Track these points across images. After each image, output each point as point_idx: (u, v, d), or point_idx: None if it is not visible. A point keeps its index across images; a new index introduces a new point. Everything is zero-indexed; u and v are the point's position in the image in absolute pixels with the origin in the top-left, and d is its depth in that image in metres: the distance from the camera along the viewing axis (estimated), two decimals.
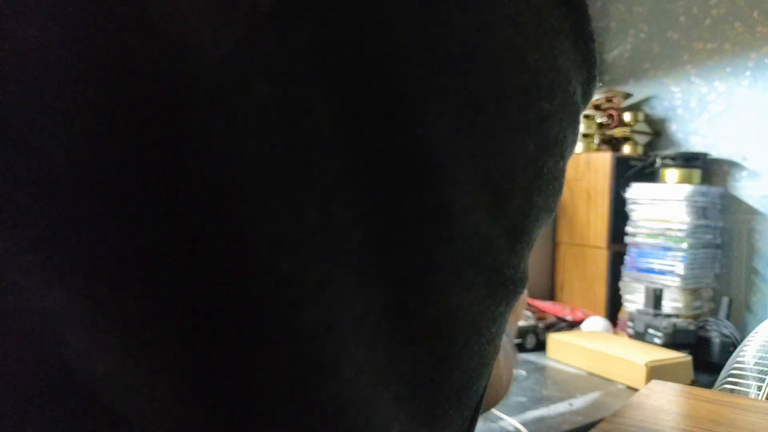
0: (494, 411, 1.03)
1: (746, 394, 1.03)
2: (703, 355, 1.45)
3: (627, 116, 1.93)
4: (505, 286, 0.23)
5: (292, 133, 0.16)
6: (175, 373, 0.16)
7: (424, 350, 0.20)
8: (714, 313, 1.65)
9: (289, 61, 0.16)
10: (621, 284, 1.76)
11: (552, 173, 0.23)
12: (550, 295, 1.94)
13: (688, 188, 1.62)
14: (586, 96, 0.24)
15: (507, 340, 0.39)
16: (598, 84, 0.24)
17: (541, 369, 1.37)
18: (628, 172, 1.79)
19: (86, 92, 0.15)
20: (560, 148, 0.23)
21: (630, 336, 1.53)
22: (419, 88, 0.18)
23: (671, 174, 1.72)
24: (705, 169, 1.76)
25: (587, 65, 0.23)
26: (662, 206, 1.66)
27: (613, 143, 1.95)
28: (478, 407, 0.25)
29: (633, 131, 1.92)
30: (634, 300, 1.70)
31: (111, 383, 0.15)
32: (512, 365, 0.37)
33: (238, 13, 0.15)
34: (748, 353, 1.09)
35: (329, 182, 0.17)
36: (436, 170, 0.18)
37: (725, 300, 1.60)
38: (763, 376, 1.01)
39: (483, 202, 0.20)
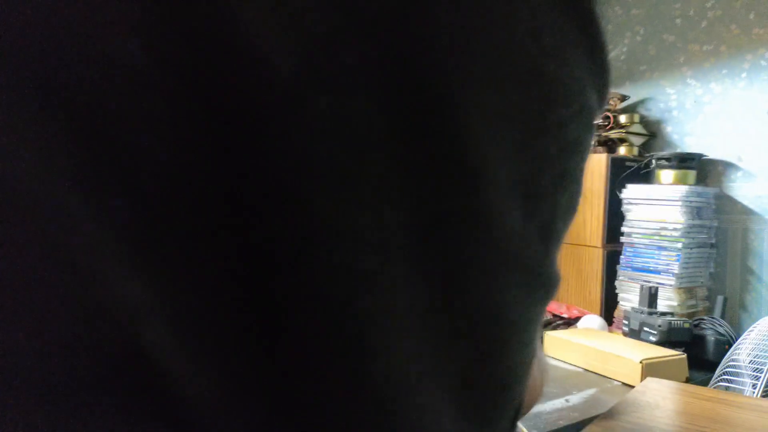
0: None
1: (741, 391, 1.03)
2: (697, 352, 1.45)
3: (623, 118, 1.94)
4: (541, 285, 0.24)
5: (349, 142, 0.18)
6: (239, 359, 0.17)
7: (468, 346, 0.22)
8: (709, 311, 1.66)
9: (344, 76, 0.18)
10: (616, 283, 1.77)
11: (573, 174, 0.24)
12: None
13: (683, 189, 1.63)
14: (601, 101, 0.25)
15: (540, 348, 0.39)
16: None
17: None
18: (623, 172, 1.79)
19: (178, 102, 0.16)
20: (579, 150, 0.24)
21: (625, 334, 1.53)
22: (459, 99, 0.19)
23: (666, 175, 1.73)
24: (700, 169, 1.77)
25: (600, 72, 0.24)
26: (657, 206, 1.67)
27: (609, 144, 1.96)
28: (519, 409, 0.26)
29: (628, 132, 1.92)
30: (629, 298, 1.70)
31: (182, 371, 0.17)
32: (544, 368, 0.37)
33: (301, 32, 0.17)
34: (742, 351, 1.10)
35: (380, 185, 0.18)
36: (474, 174, 0.20)
37: (720, 298, 1.61)
38: (758, 374, 1.02)
39: (516, 203, 0.21)
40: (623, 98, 2.00)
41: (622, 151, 1.92)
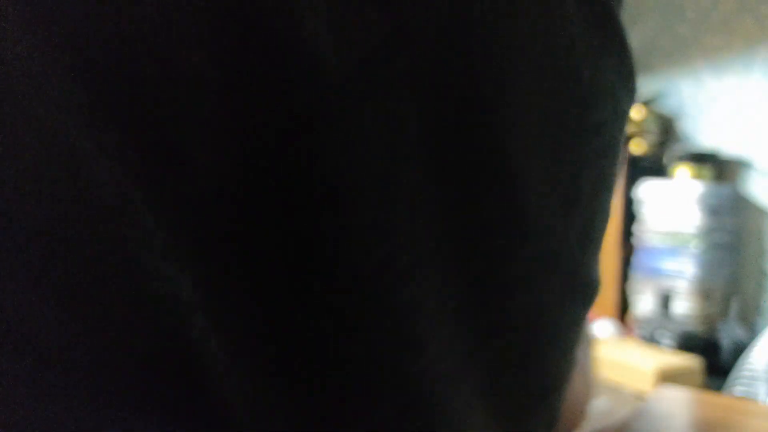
0: None
1: (756, 397, 1.02)
2: (712, 358, 1.43)
3: (634, 112, 1.92)
4: (580, 290, 0.25)
5: (391, 145, 0.19)
6: (279, 355, 0.19)
7: (499, 349, 0.23)
8: (724, 315, 1.63)
9: (393, 82, 0.19)
10: (630, 286, 1.75)
11: (608, 178, 0.25)
12: None
13: (698, 187, 1.61)
14: (630, 103, 0.26)
15: (585, 360, 0.38)
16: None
17: None
18: (636, 169, 1.77)
19: (233, 107, 0.17)
20: (613, 153, 0.25)
21: (639, 339, 1.52)
22: (500, 104, 0.20)
23: (681, 172, 1.71)
24: (715, 166, 1.75)
25: (629, 75, 0.25)
26: (672, 205, 1.64)
27: None
28: (553, 420, 0.27)
29: (641, 128, 1.90)
30: (643, 302, 1.68)
31: (223, 364, 0.18)
32: (589, 382, 0.37)
33: (357, 39, 0.18)
34: (758, 356, 1.07)
35: (418, 186, 0.20)
36: (511, 175, 0.21)
37: (736, 302, 1.59)
38: None
39: (555, 206, 0.22)
40: None
41: (635, 146, 1.90)
